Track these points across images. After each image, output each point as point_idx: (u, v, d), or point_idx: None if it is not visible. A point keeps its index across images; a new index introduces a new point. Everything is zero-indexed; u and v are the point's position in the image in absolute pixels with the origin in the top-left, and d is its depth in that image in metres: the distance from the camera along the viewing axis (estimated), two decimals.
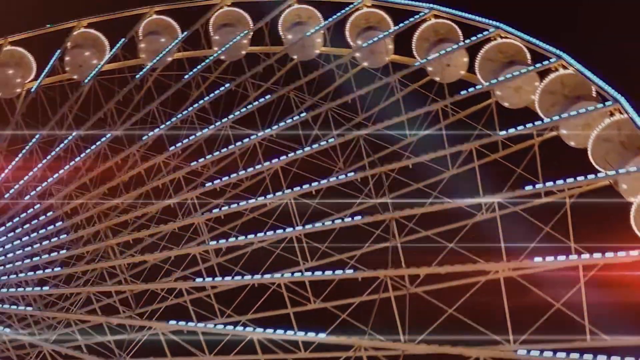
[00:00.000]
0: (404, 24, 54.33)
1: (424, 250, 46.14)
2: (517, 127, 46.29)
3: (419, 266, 42.07)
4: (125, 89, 55.59)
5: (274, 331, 39.41)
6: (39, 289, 44.55)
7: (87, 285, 46.62)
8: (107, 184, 49.75)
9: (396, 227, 43.79)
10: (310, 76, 53.91)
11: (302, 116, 50.49)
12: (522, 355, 37.89)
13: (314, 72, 54.20)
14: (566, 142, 47.71)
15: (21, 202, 48.40)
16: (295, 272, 43.14)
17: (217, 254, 47.61)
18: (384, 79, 52.93)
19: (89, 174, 50.18)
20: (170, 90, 55.34)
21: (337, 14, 56.34)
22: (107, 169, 50.65)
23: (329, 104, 51.16)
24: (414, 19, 53.85)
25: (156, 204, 48.15)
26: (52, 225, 47.80)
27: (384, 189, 46.59)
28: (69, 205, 48.62)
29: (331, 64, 54.73)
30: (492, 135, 46.96)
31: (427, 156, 46.94)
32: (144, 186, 48.84)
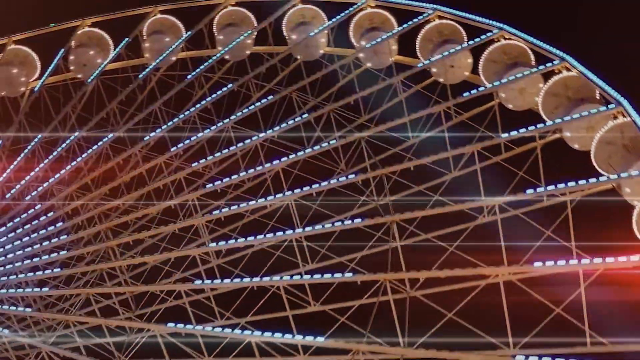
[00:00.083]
0: (408, 24, 54.14)
1: (425, 250, 46.12)
2: (519, 130, 46.00)
3: (419, 269, 41.76)
4: (128, 89, 55.46)
5: (272, 334, 39.16)
6: (38, 290, 44.52)
7: (87, 286, 46.62)
8: (108, 185, 49.55)
9: (397, 230, 43.48)
10: (313, 77, 53.63)
11: (304, 117, 50.27)
12: None
13: (317, 73, 53.93)
14: (570, 145, 47.37)
15: (22, 203, 48.23)
16: (295, 275, 43.02)
17: (217, 255, 47.57)
18: (387, 79, 52.62)
19: (91, 175, 49.97)
20: (173, 90, 55.17)
21: (341, 15, 56.16)
22: (109, 169, 50.57)
23: (331, 105, 50.73)
24: (417, 19, 53.65)
25: (157, 205, 47.96)
26: (53, 225, 47.77)
27: (385, 191, 46.40)
28: (69, 205, 48.40)
29: (335, 64, 54.56)
30: (494, 137, 46.66)
31: (428, 158, 46.70)
32: (145, 187, 48.65)
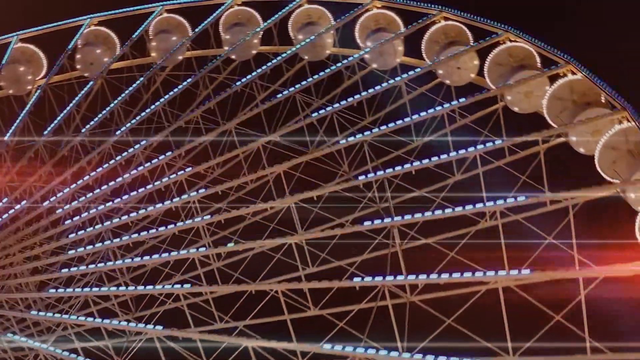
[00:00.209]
0: (414, 25, 53.73)
1: (426, 253, 45.89)
2: (522, 135, 45.63)
3: (420, 272, 41.71)
4: (132, 88, 55.35)
5: (268, 340, 39.07)
6: (37, 292, 44.59)
7: (87, 287, 46.60)
8: (110, 186, 49.47)
9: (397, 234, 43.24)
10: (317, 78, 53.34)
11: (307, 119, 50.01)
12: None
13: (321, 74, 53.58)
14: (575, 149, 46.91)
15: (23, 204, 48.28)
16: (293, 279, 42.78)
17: (217, 258, 47.42)
18: (391, 81, 52.25)
19: (93, 175, 49.93)
20: (177, 90, 54.99)
21: (347, 15, 55.82)
22: (112, 169, 50.48)
23: (335, 107, 50.41)
24: (423, 20, 53.25)
25: (157, 206, 47.82)
26: (54, 227, 47.78)
27: (387, 195, 46.13)
28: (70, 206, 48.40)
29: (340, 65, 54.19)
30: (498, 141, 46.29)
31: (430, 162, 46.34)
32: (147, 188, 48.57)
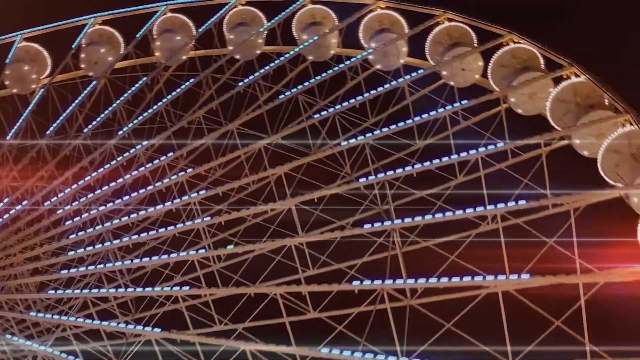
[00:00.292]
0: (418, 27, 53.50)
1: (427, 256, 45.74)
2: (525, 137, 45.39)
3: (421, 274, 41.56)
4: (134, 88, 55.21)
5: (265, 344, 38.97)
6: (36, 293, 44.61)
7: (86, 288, 46.58)
8: (111, 187, 49.41)
9: (397, 237, 43.04)
10: (320, 79, 53.16)
11: (308, 121, 49.85)
12: None
13: (323, 75, 53.42)
14: (579, 152, 46.60)
15: (23, 204, 48.28)
16: (292, 282, 42.62)
17: (217, 259, 47.30)
18: (394, 82, 52.05)
19: (94, 176, 49.88)
20: (180, 90, 54.89)
21: (351, 16, 55.60)
22: (114, 170, 50.41)
23: (337, 108, 50.23)
24: (427, 22, 53.00)
25: (158, 208, 47.72)
26: (54, 228, 47.74)
27: (388, 198, 45.93)
28: (71, 207, 48.36)
29: (344, 66, 53.99)
30: (500, 144, 46.04)
31: (432, 165, 46.10)
32: (147, 190, 48.48)
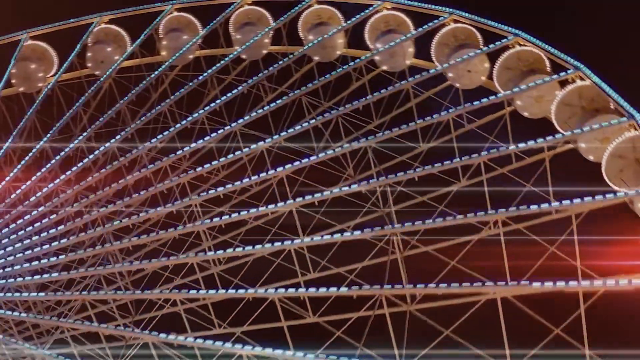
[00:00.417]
0: (423, 28, 53.12)
1: (428, 260, 45.50)
2: (527, 142, 44.95)
3: (422, 278, 41.96)
4: (138, 88, 55.04)
5: (262, 348, 38.87)
6: (35, 294, 44.60)
7: (86, 290, 46.56)
8: (112, 188, 49.31)
9: (398, 241, 42.78)
10: (323, 80, 52.89)
11: (311, 123, 49.60)
12: None
13: (327, 76, 53.11)
14: (584, 156, 46.16)
15: (25, 205, 48.23)
16: (291, 287, 42.45)
17: (217, 262, 47.18)
18: (399, 83, 51.71)
19: (97, 176, 49.80)
20: (184, 90, 54.69)
21: (357, 16, 55.26)
22: (117, 170, 50.29)
23: (339, 110, 49.95)
24: (433, 23, 52.64)
25: (159, 210, 47.60)
26: (55, 228, 47.64)
27: (389, 202, 45.60)
28: (72, 208, 48.29)
29: (348, 67, 53.71)
30: (503, 148, 45.67)
31: (434, 168, 45.74)
32: (149, 191, 48.35)
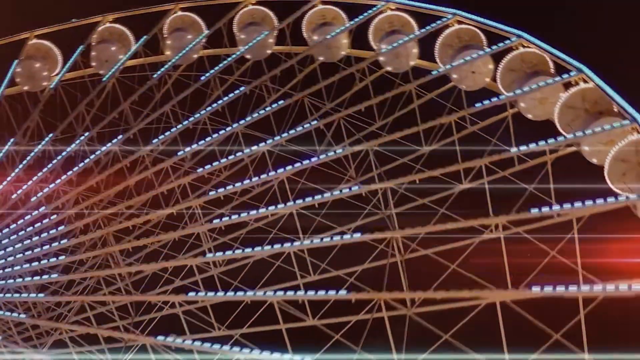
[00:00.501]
0: (427, 29, 52.87)
1: (428, 263, 45.30)
2: (529, 144, 44.68)
3: (422, 282, 41.58)
4: (143, 88, 54.93)
5: (260, 352, 38.77)
6: (34, 295, 44.63)
7: (85, 291, 46.57)
8: (113, 188, 49.27)
9: (398, 244, 42.55)
10: (327, 81, 52.72)
11: (313, 124, 49.45)
12: None
13: (331, 77, 52.94)
14: (588, 159, 45.83)
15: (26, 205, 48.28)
16: (290, 290, 42.21)
17: (217, 264, 47.09)
18: (403, 85, 51.53)
19: (97, 177, 49.77)
20: (187, 90, 54.62)
21: (361, 17, 55.03)
22: (118, 171, 50.22)
23: (342, 112, 49.79)
24: (436, 24, 52.37)
25: (159, 212, 47.54)
26: (55, 229, 47.61)
27: (390, 205, 45.39)
28: (72, 209, 48.25)
29: (351, 68, 53.52)
30: (505, 151, 45.41)
31: (436, 171, 45.52)
32: (150, 192, 48.28)
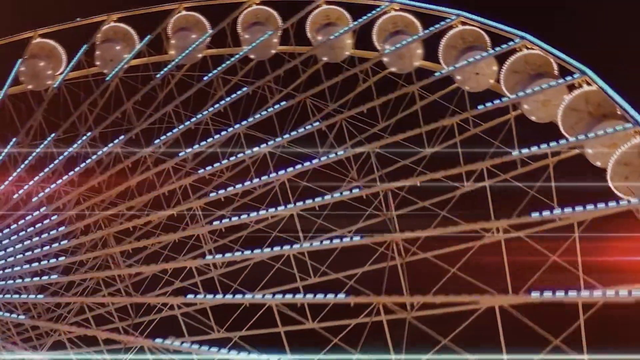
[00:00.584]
0: (430, 29, 52.64)
1: (428, 265, 45.14)
2: (531, 147, 44.47)
3: (422, 284, 41.63)
4: (145, 88, 54.89)
5: (258, 354, 38.69)
6: (33, 297, 44.65)
7: (85, 292, 46.56)
8: (114, 189, 49.23)
9: (398, 247, 42.40)
10: (329, 82, 52.56)
11: (314, 126, 49.30)
12: None
13: (334, 79, 52.80)
14: (592, 162, 45.55)
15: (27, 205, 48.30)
16: (288, 293, 42.04)
17: (216, 266, 47.01)
18: (406, 86, 51.33)
19: (100, 177, 49.76)
20: (190, 90, 54.54)
21: (365, 17, 54.83)
22: (120, 172, 50.19)
23: (343, 114, 49.64)
24: (440, 25, 52.14)
25: (160, 213, 47.47)
26: (56, 229, 47.59)
27: (391, 207, 45.22)
28: (73, 209, 48.26)
29: (355, 68, 53.36)
30: (507, 154, 45.19)
31: (437, 174, 45.32)
32: (152, 193, 48.21)
